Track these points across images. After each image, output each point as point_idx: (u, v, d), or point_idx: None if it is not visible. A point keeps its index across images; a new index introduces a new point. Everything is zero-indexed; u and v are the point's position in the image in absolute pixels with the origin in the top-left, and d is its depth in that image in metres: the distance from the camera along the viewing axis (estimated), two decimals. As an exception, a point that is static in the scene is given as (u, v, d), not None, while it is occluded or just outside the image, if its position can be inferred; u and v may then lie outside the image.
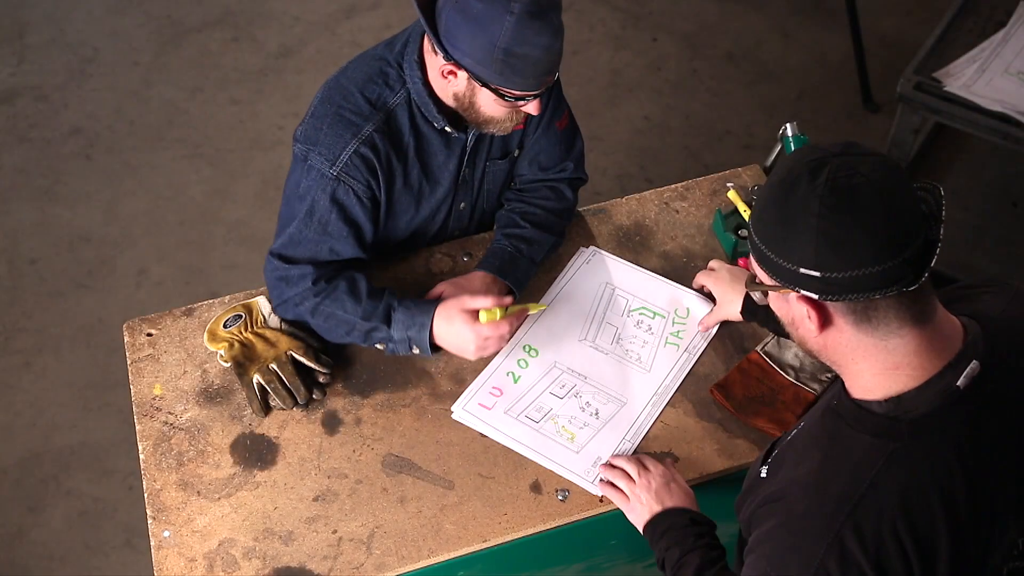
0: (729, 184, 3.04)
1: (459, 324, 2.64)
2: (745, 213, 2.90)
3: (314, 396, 2.68)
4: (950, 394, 1.82)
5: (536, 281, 2.90)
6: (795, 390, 2.62)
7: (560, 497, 2.53)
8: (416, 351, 2.70)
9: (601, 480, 2.53)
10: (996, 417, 1.86)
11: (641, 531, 2.39)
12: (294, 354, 2.68)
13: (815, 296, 1.78)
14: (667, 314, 2.83)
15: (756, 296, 1.95)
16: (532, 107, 2.60)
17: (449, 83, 2.59)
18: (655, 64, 5.46)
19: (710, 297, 2.82)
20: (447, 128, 2.69)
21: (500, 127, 2.68)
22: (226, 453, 2.62)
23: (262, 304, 2.79)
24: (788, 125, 2.93)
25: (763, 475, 2.04)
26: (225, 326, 2.75)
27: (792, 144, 2.90)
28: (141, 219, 4.84)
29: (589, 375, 2.72)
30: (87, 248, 4.74)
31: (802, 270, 1.77)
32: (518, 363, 2.75)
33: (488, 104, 2.58)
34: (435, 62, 2.58)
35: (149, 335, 2.82)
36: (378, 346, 2.72)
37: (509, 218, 2.93)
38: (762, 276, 1.87)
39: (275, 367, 2.66)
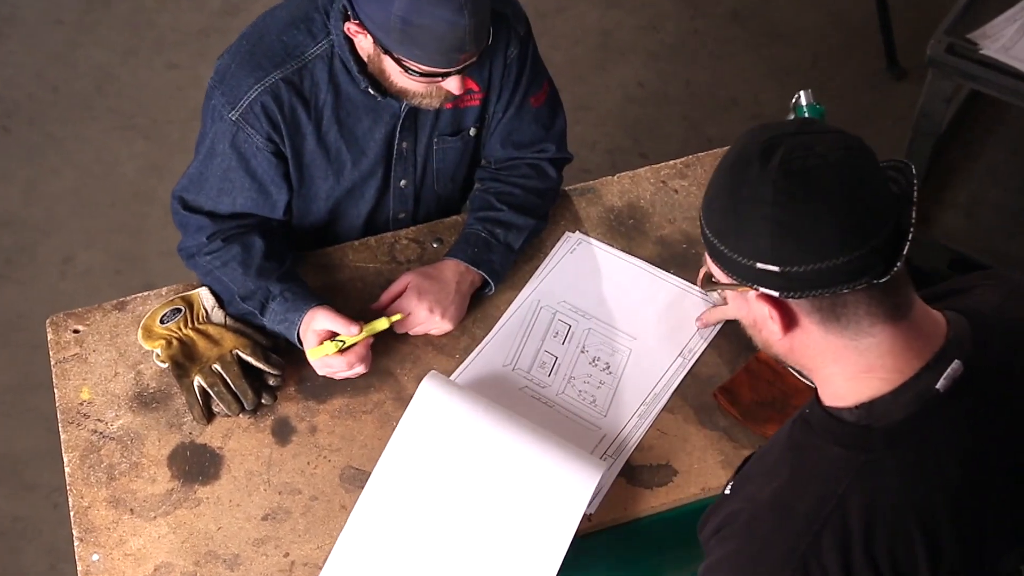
0: (735, 160, 3.04)
1: (309, 342, 2.65)
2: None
3: (263, 401, 2.67)
4: (928, 399, 1.81)
5: (515, 271, 2.90)
6: (810, 394, 2.60)
7: (543, 515, 2.53)
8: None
9: None
10: (984, 424, 1.85)
11: None
12: (240, 353, 2.67)
13: (775, 294, 1.77)
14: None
15: (714, 298, 1.95)
16: (453, 84, 2.56)
17: (358, 42, 2.59)
18: (651, 23, 5.45)
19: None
20: (370, 91, 2.68)
21: (421, 101, 2.66)
22: (163, 466, 2.61)
23: (204, 297, 2.78)
24: (802, 93, 2.93)
25: (727, 492, 2.03)
26: (162, 322, 2.74)
27: (807, 115, 2.90)
28: (67, 200, 4.82)
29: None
30: (5, 234, 4.72)
31: (759, 265, 1.75)
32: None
33: (396, 74, 2.57)
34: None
35: (76, 332, 2.81)
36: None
37: (483, 199, 2.93)
38: (718, 274, 1.86)
39: (219, 368, 2.65)
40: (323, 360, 2.63)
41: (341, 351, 2.61)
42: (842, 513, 1.79)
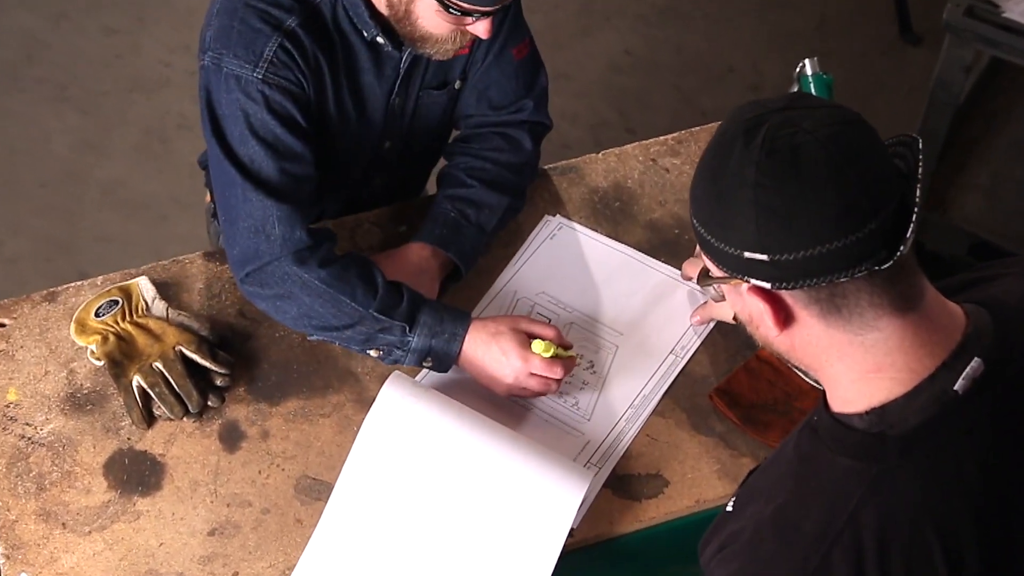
0: (733, 136, 3.04)
1: (508, 345, 2.59)
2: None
3: (209, 403, 2.66)
4: (946, 401, 1.79)
5: (489, 258, 2.90)
6: (816, 395, 2.61)
7: (520, 529, 2.53)
8: (427, 366, 2.65)
9: None
10: (1005, 426, 1.84)
11: None
12: (184, 350, 2.66)
13: (767, 285, 1.76)
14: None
15: (710, 293, 1.94)
16: (481, 28, 2.57)
17: None
18: (640, -16, 5.46)
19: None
20: (379, 39, 2.67)
21: (439, 48, 2.65)
22: (99, 475, 2.60)
23: (144, 287, 2.77)
24: (807, 62, 2.93)
25: (729, 509, 2.03)
26: (97, 315, 2.73)
27: (813, 86, 2.90)
28: (-9, 179, 4.81)
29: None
30: (-78, 216, 4.71)
31: (747, 254, 1.74)
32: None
33: (428, 16, 2.55)
34: None
35: (1, 326, 2.80)
36: (372, 353, 2.66)
37: (453, 176, 2.92)
38: (710, 267, 1.86)
39: (160, 366, 2.65)
40: (534, 366, 2.58)
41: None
42: (854, 530, 1.78)
